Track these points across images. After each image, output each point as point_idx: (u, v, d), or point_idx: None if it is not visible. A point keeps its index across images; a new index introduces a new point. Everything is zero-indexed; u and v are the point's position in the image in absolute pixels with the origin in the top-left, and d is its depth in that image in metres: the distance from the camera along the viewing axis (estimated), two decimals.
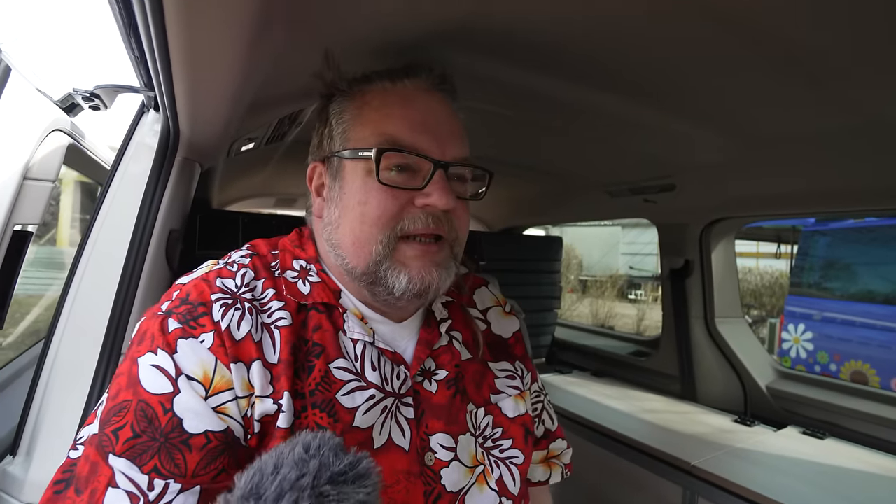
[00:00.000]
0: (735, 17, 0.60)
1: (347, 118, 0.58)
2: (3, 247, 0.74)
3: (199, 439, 0.45)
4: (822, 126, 0.98)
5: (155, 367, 0.46)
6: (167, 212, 0.91)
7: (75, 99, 0.87)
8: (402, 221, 0.54)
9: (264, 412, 0.48)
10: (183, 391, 0.46)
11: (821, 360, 4.00)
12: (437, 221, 0.55)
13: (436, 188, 0.54)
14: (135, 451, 0.43)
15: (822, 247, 4.21)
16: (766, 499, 1.12)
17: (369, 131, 0.56)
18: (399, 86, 0.59)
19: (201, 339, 0.48)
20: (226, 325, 0.49)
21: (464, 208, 0.59)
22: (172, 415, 0.45)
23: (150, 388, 0.45)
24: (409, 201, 0.55)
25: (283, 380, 0.49)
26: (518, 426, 0.65)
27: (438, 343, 0.62)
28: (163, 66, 0.55)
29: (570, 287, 10.41)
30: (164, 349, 0.47)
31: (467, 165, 0.59)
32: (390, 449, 0.53)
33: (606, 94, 0.91)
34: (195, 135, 0.83)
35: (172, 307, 0.50)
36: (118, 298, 0.86)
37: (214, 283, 0.52)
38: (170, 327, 0.48)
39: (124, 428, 0.44)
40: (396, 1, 0.58)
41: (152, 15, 0.41)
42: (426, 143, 0.55)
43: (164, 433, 0.44)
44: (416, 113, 0.57)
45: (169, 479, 0.43)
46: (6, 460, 0.84)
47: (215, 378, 0.47)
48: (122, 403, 0.45)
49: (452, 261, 0.58)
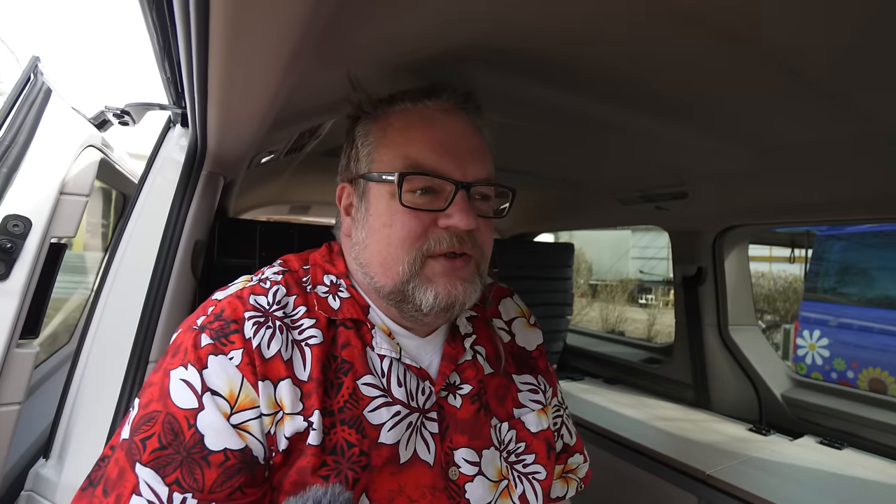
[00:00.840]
0: (745, 32, 0.62)
1: (372, 141, 0.60)
2: (41, 259, 0.78)
3: (217, 456, 0.46)
4: (834, 135, 0.99)
5: (184, 382, 0.48)
6: (193, 223, 0.94)
7: (107, 116, 0.90)
8: (428, 242, 0.55)
9: (295, 430, 0.49)
10: (207, 408, 0.47)
11: (837, 367, 3.93)
12: (461, 241, 0.56)
13: (457, 209, 0.55)
14: (160, 462, 0.45)
15: (837, 251, 4.15)
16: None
17: (392, 154, 0.57)
18: (420, 106, 0.60)
19: (230, 356, 0.49)
20: (256, 343, 0.50)
21: (487, 226, 0.60)
22: (195, 430, 0.46)
23: (177, 402, 0.47)
24: (433, 222, 0.56)
25: (313, 397, 0.51)
26: (541, 441, 0.65)
27: (463, 358, 0.63)
28: (199, 88, 0.57)
29: (580, 292, 10.36)
30: (194, 364, 0.49)
31: (490, 185, 0.59)
32: (416, 464, 0.54)
33: (619, 106, 0.92)
34: (221, 150, 0.86)
35: (206, 322, 0.51)
36: (146, 307, 0.89)
37: (248, 300, 0.54)
38: (202, 342, 0.50)
39: (152, 438, 0.46)
40: (418, 23, 0.60)
41: (197, 46, 0.44)
42: (447, 165, 0.56)
43: (187, 447, 0.46)
44: (438, 134, 0.58)
45: (187, 493, 0.45)
46: (39, 463, 0.87)
47: (240, 395, 0.49)
48: (152, 413, 0.47)
49: (477, 276, 0.59)
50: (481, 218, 0.58)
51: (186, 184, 0.93)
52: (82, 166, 0.83)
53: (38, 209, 0.77)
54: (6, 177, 0.73)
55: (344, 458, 0.50)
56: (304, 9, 0.37)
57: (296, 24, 0.39)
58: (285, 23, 0.38)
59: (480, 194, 0.60)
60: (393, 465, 0.53)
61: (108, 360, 0.87)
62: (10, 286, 0.74)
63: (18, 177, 0.75)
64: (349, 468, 0.50)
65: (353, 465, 0.50)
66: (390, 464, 0.53)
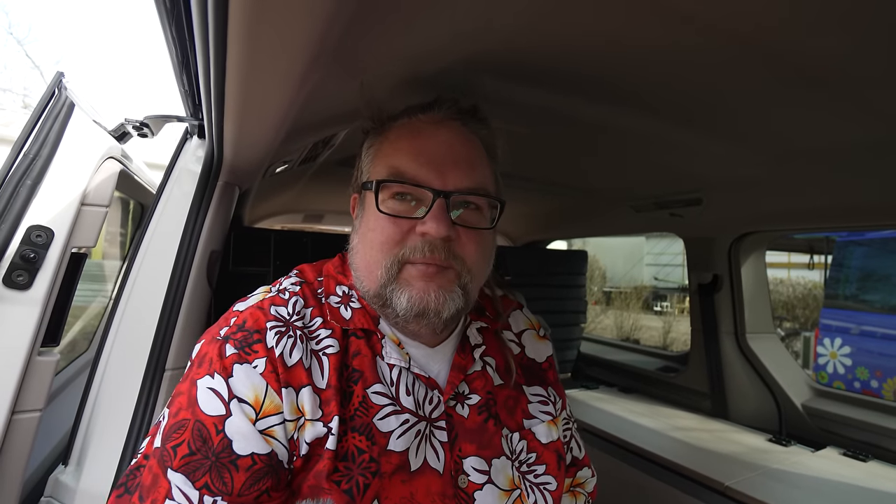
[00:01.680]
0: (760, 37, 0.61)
1: (371, 153, 0.63)
2: (62, 268, 0.79)
3: (245, 461, 0.48)
4: (852, 140, 0.97)
5: (211, 390, 0.49)
6: (209, 233, 0.96)
7: (126, 128, 0.93)
8: (404, 248, 0.56)
9: (315, 435, 0.51)
10: (234, 414, 0.49)
11: (860, 376, 3.83)
12: (435, 250, 0.55)
13: (431, 216, 0.55)
14: (190, 468, 0.47)
15: (858, 257, 4.06)
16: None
17: (381, 165, 0.60)
18: (413, 120, 0.62)
19: (255, 364, 0.51)
20: (279, 351, 0.52)
21: (471, 237, 0.58)
22: (224, 436, 0.48)
23: (206, 410, 0.49)
24: (411, 229, 0.57)
25: (332, 404, 0.52)
26: (551, 452, 0.65)
27: (472, 368, 0.64)
28: (216, 101, 0.58)
29: (594, 299, 10.26)
30: (220, 373, 0.50)
31: (470, 194, 0.58)
32: (426, 472, 0.55)
33: (632, 113, 0.92)
34: (237, 161, 0.88)
35: (230, 333, 0.53)
36: (163, 316, 0.90)
37: (269, 310, 0.55)
38: (227, 352, 0.51)
39: (182, 445, 0.48)
40: (429, 37, 0.61)
41: (214, 60, 0.45)
42: (426, 174, 0.57)
43: (216, 452, 0.47)
44: (422, 144, 0.59)
45: (217, 496, 0.46)
46: (58, 469, 0.89)
47: (265, 402, 0.50)
48: (182, 422, 0.49)
49: (457, 286, 0.57)
50: (465, 228, 0.58)
51: (203, 194, 0.94)
52: (102, 178, 0.85)
53: (59, 220, 0.79)
54: (30, 188, 0.75)
55: (355, 465, 0.52)
56: (319, 25, 0.37)
57: (311, 40, 0.40)
58: (301, 38, 0.39)
59: (474, 205, 0.60)
60: (404, 473, 0.54)
61: (126, 367, 0.89)
62: (32, 295, 0.76)
63: (42, 188, 0.77)
64: (360, 474, 0.51)
65: (363, 471, 0.52)
66: (401, 471, 0.53)
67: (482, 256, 0.60)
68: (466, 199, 0.59)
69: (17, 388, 0.74)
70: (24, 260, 0.74)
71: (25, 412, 0.77)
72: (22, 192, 0.74)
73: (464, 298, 0.58)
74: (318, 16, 0.35)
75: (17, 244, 0.74)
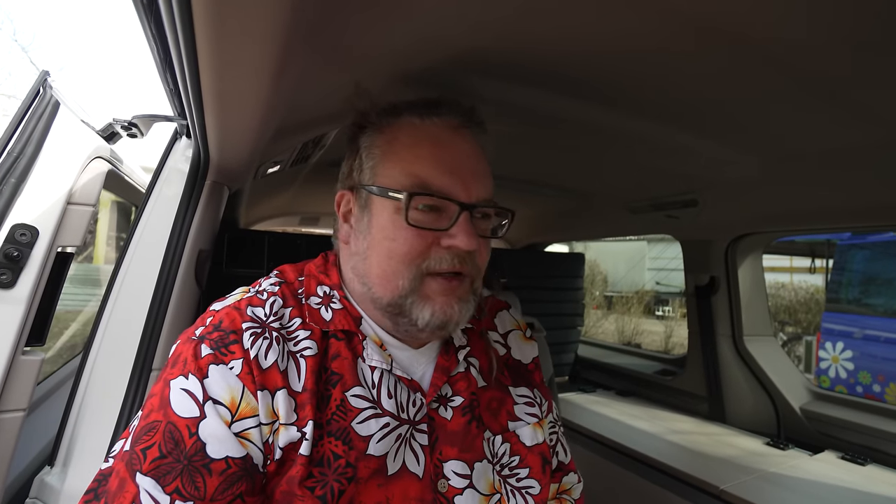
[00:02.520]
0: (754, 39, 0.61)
1: (377, 153, 0.60)
2: (47, 267, 0.79)
3: (219, 464, 0.46)
4: (846, 141, 0.96)
5: (185, 391, 0.48)
6: (197, 233, 0.95)
7: (115, 128, 0.93)
8: (429, 260, 0.56)
9: (288, 440, 0.50)
10: (209, 416, 0.47)
11: (863, 381, 3.80)
12: (462, 261, 0.56)
13: (461, 230, 0.55)
14: (160, 472, 0.45)
15: (860, 260, 4.04)
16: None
17: (399, 170, 0.57)
18: (428, 123, 0.59)
19: (231, 365, 0.50)
20: (254, 353, 0.51)
21: (486, 245, 0.61)
22: (197, 438, 0.47)
23: (178, 411, 0.47)
24: (436, 241, 0.56)
25: (307, 408, 0.51)
26: (535, 455, 0.64)
27: (456, 370, 0.63)
28: (195, 99, 0.58)
29: (596, 303, 10.23)
30: (195, 374, 0.49)
31: (491, 207, 0.60)
32: (403, 476, 0.54)
33: (627, 115, 0.92)
34: (224, 160, 0.88)
35: (205, 333, 0.52)
36: (150, 316, 0.90)
37: (245, 311, 0.54)
38: (202, 353, 0.50)
39: (152, 448, 0.46)
40: (418, 32, 0.60)
41: (186, 53, 0.45)
42: (453, 187, 0.56)
43: (188, 456, 0.46)
44: (445, 154, 0.58)
45: (188, 501, 0.45)
46: (44, 470, 0.88)
47: (241, 404, 0.49)
48: (153, 423, 0.47)
49: (472, 295, 0.59)
50: (482, 238, 0.59)
51: (191, 194, 0.94)
52: (89, 177, 0.85)
53: (45, 219, 0.78)
54: (14, 187, 0.75)
55: (330, 470, 0.50)
56: (284, 10, 0.37)
57: (278, 25, 0.40)
58: (266, 23, 0.39)
59: (482, 213, 0.60)
60: (380, 477, 0.53)
61: (113, 368, 0.88)
62: (16, 294, 0.76)
63: (26, 187, 0.77)
64: (335, 479, 0.50)
65: (339, 476, 0.50)
66: (377, 475, 0.52)
67: (487, 261, 0.62)
68: (485, 211, 0.60)
69: (0, 387, 0.74)
70: (8, 258, 0.74)
71: (8, 412, 0.76)
72: (5, 191, 0.74)
73: (475, 304, 0.60)
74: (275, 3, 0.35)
75: (1, 242, 0.74)
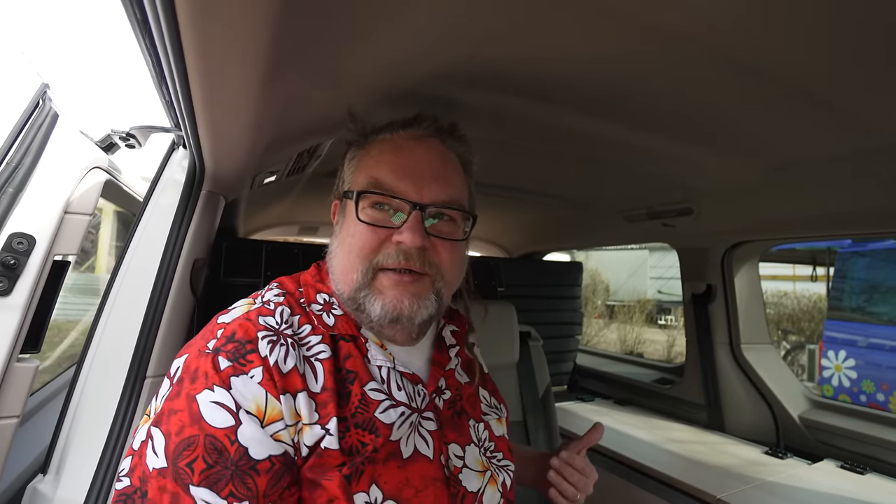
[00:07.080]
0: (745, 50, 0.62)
1: (353, 165, 0.67)
2: (44, 275, 0.80)
3: (264, 464, 0.49)
4: (839, 149, 0.97)
5: (216, 404, 0.49)
6: (192, 242, 0.96)
7: (113, 139, 0.94)
8: (379, 256, 0.60)
9: (314, 438, 0.53)
10: (244, 423, 0.49)
11: (866, 390, 3.77)
12: (409, 257, 0.60)
13: (407, 227, 0.59)
14: (211, 480, 0.47)
15: (861, 268, 4.02)
16: None
17: (363, 175, 0.64)
18: (395, 135, 0.66)
19: (251, 374, 0.51)
20: (273, 360, 0.53)
21: (447, 247, 0.63)
22: (238, 445, 0.49)
23: (213, 423, 0.49)
24: (388, 238, 0.61)
25: (329, 406, 0.54)
26: (503, 442, 0.74)
27: (448, 365, 0.70)
28: (187, 109, 0.60)
29: (597, 313, 10.19)
30: (220, 386, 0.50)
31: (445, 207, 0.63)
32: (417, 459, 0.59)
33: (621, 124, 0.93)
34: (218, 170, 0.89)
35: (220, 345, 0.53)
36: (144, 325, 0.90)
37: (257, 321, 0.56)
38: (221, 365, 0.51)
39: (197, 461, 0.47)
40: (405, 46, 0.62)
41: (176, 65, 0.46)
42: (404, 186, 0.61)
43: (234, 462, 0.48)
44: (401, 159, 0.63)
45: (244, 500, 0.47)
46: (37, 478, 0.88)
47: (268, 410, 0.51)
48: (190, 439, 0.48)
49: (432, 294, 0.62)
50: (440, 239, 0.62)
51: (186, 203, 0.95)
52: (87, 187, 0.87)
53: (42, 227, 0.80)
54: (12, 196, 0.76)
55: (359, 455, 0.55)
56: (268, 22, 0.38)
57: (261, 38, 0.41)
58: (250, 46, 0.40)
59: (447, 217, 0.64)
60: (398, 460, 0.58)
61: (108, 376, 0.89)
62: (12, 301, 0.77)
63: (24, 196, 0.78)
64: (361, 463, 0.54)
65: (365, 460, 0.55)
66: (394, 458, 0.57)
67: (455, 264, 0.65)
68: (441, 211, 0.63)
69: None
70: (5, 266, 0.75)
71: (2, 418, 0.77)
72: (3, 200, 0.75)
73: (437, 303, 0.63)
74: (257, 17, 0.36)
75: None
